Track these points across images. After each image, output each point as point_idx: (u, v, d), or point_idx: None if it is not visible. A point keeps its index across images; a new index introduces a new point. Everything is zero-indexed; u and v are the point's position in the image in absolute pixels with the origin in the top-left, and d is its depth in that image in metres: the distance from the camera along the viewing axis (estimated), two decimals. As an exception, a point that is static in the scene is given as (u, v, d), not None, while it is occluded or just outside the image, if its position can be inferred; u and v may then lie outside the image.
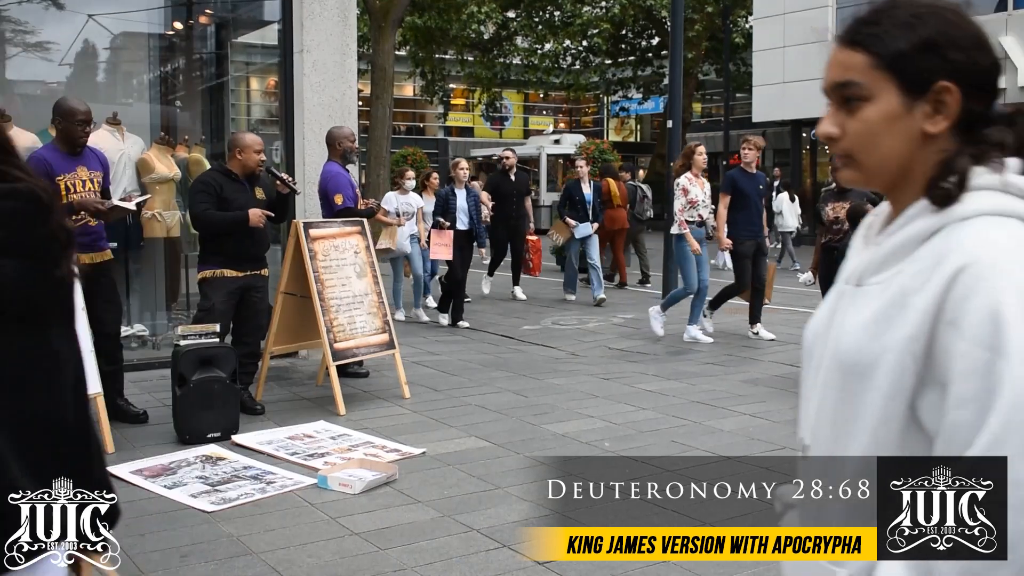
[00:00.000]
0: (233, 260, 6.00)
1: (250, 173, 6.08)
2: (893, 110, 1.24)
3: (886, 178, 1.30)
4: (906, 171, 1.27)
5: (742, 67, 30.38)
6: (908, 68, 1.23)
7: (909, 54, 1.23)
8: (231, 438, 5.48)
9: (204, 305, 6.02)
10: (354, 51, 8.14)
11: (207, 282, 6.02)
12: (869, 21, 1.29)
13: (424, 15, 25.21)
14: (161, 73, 10.57)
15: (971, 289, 1.12)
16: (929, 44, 1.23)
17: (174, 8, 10.32)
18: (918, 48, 1.23)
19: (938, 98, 1.22)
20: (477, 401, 6.51)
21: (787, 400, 6.59)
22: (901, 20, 1.25)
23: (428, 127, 47.00)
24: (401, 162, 20.91)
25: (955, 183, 1.21)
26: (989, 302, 1.11)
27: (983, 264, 1.13)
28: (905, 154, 1.25)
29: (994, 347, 1.10)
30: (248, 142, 6.06)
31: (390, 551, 3.83)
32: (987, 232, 1.16)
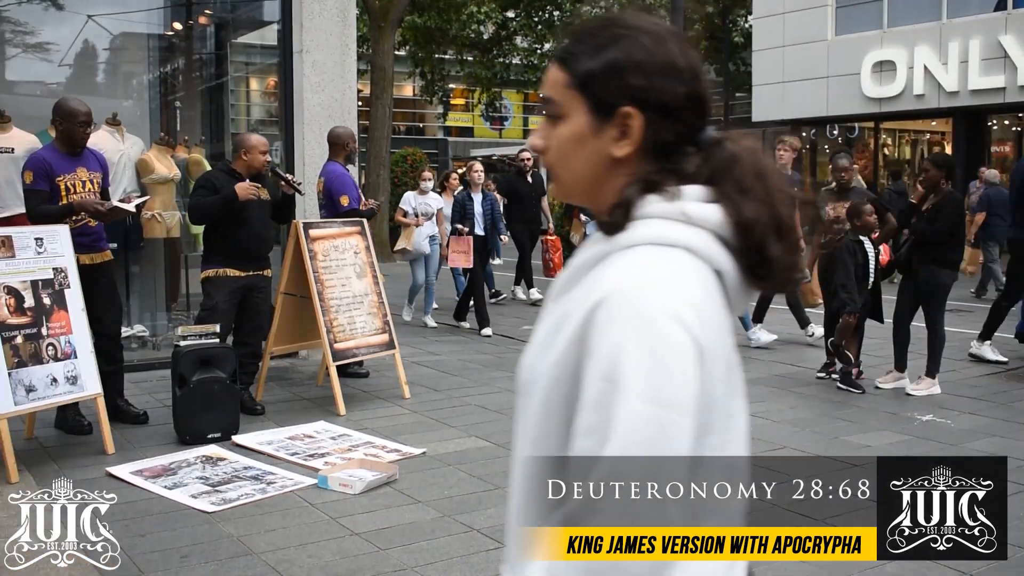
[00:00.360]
0: (236, 259, 6.00)
1: (255, 174, 6.08)
2: (581, 131, 1.23)
3: (580, 196, 1.29)
4: (596, 192, 1.26)
5: (741, 67, 30.39)
6: (595, 90, 1.22)
7: (597, 76, 1.21)
8: (231, 438, 5.48)
9: (207, 304, 6.02)
10: (354, 51, 8.14)
11: (210, 281, 6.02)
12: (577, 39, 1.27)
13: (424, 15, 25.20)
14: (161, 74, 10.56)
15: (603, 321, 1.11)
16: (615, 68, 1.21)
17: (174, 8, 10.32)
18: (605, 71, 1.21)
19: (624, 122, 1.21)
20: (477, 401, 6.51)
21: (787, 400, 6.59)
22: (598, 42, 1.23)
23: (428, 127, 47.00)
24: (401, 162, 20.91)
25: (620, 212, 1.21)
26: (614, 336, 1.10)
27: (617, 298, 1.12)
28: (593, 175, 1.25)
29: (613, 380, 1.09)
30: (254, 143, 6.07)
31: (390, 551, 3.83)
32: (634, 264, 1.15)
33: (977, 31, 19.81)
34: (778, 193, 1.21)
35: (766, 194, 1.19)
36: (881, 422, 5.98)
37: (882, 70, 21.38)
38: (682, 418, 1.10)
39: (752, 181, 1.19)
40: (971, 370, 7.59)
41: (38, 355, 4.96)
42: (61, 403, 5.24)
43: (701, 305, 1.14)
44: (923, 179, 6.76)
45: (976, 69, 19.84)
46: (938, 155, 7.25)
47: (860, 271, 6.74)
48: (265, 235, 6.17)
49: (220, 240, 5.98)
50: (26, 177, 5.36)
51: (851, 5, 22.24)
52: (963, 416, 6.11)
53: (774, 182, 1.20)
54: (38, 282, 5.06)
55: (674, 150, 1.23)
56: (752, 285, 1.23)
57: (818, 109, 22.83)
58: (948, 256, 6.66)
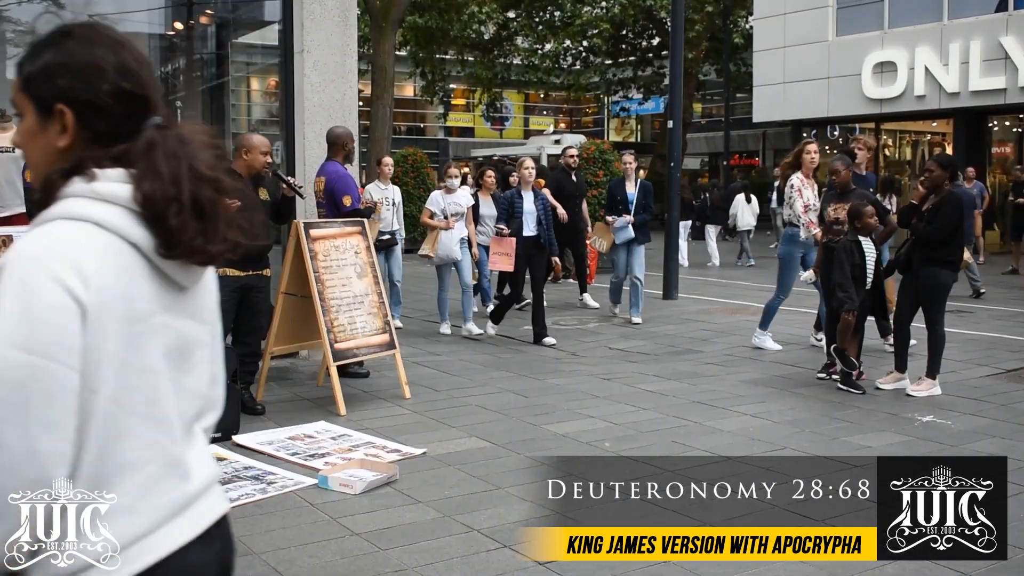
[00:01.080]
0: (236, 259, 5.99)
1: (255, 174, 6.08)
2: (32, 127, 1.42)
3: None
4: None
5: (742, 67, 30.39)
6: (36, 91, 1.40)
7: (36, 79, 1.40)
8: (232, 438, 5.48)
9: None
10: (354, 51, 8.14)
11: None
12: (30, 47, 1.45)
13: (424, 15, 25.21)
14: (161, 73, 10.57)
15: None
16: (47, 70, 1.40)
17: (174, 8, 10.33)
18: (41, 74, 1.40)
19: (61, 118, 1.39)
20: (478, 401, 6.51)
21: (787, 400, 6.59)
22: (38, 48, 1.42)
23: (428, 127, 47.01)
24: (401, 162, 20.89)
25: (42, 192, 1.39)
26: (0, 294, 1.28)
27: (10, 262, 1.30)
28: (47, 164, 1.42)
29: None
30: (255, 143, 6.06)
31: (391, 551, 3.83)
32: (36, 234, 1.34)
33: (978, 32, 19.81)
34: (193, 173, 1.40)
35: (174, 174, 1.38)
36: (881, 423, 5.98)
37: (883, 71, 21.38)
38: (54, 365, 1.27)
39: (163, 162, 1.39)
40: (972, 371, 7.59)
41: (38, 355, 4.96)
42: (61, 403, 5.23)
43: (91, 271, 1.30)
44: (926, 179, 6.74)
45: (977, 70, 19.84)
46: (943, 156, 7.21)
47: (858, 271, 6.75)
48: (264, 235, 6.16)
49: None
50: (27, 175, 5.37)
51: (852, 6, 22.24)
52: (963, 417, 6.10)
53: (192, 164, 1.40)
54: (39, 282, 5.06)
55: (111, 139, 1.41)
56: (165, 255, 1.39)
57: (819, 110, 22.83)
58: (948, 257, 6.66)
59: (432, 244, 8.94)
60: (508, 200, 8.97)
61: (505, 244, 8.78)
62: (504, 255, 8.80)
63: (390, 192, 9.66)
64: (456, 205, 9.11)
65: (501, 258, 8.86)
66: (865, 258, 6.79)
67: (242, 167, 6.04)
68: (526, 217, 8.87)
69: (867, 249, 6.82)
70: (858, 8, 22.13)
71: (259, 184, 6.14)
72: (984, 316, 10.86)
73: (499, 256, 8.88)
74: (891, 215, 7.51)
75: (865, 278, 6.80)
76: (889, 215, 7.56)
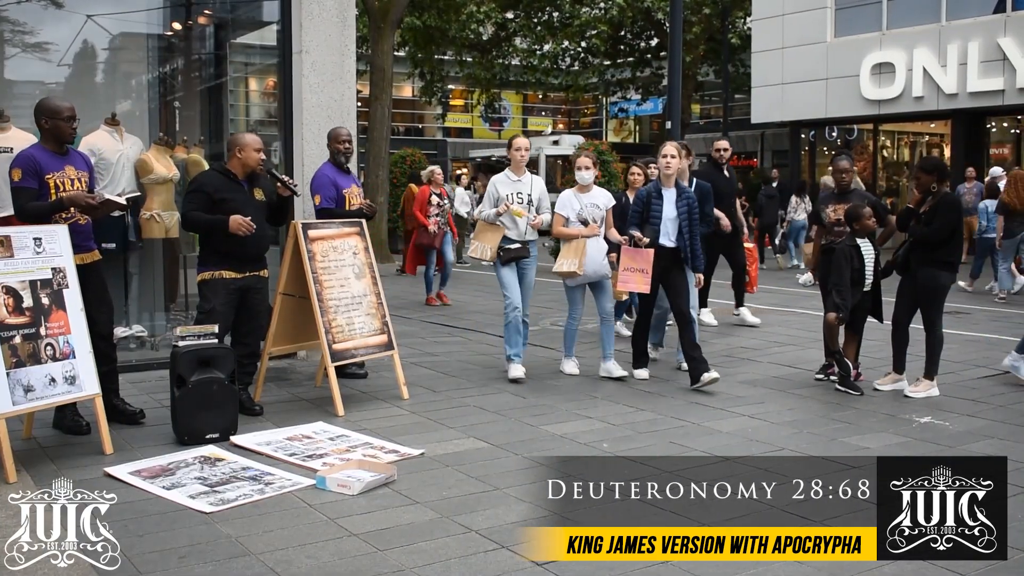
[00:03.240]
0: (232, 261, 6.00)
1: (250, 173, 6.07)
2: None
3: None
4: None
5: (741, 68, 30.41)
6: None
7: None
8: (230, 439, 5.47)
9: (204, 307, 6.01)
10: (353, 52, 8.13)
11: (206, 284, 6.01)
12: None
13: (423, 15, 25.20)
14: (160, 74, 10.56)
15: None
16: None
17: (173, 9, 10.31)
18: None
19: None
20: (476, 402, 6.50)
21: (786, 401, 6.59)
22: None
23: (427, 128, 47.02)
24: (400, 163, 20.86)
25: None
26: None
27: None
28: None
29: None
30: (248, 141, 6.05)
31: (389, 552, 3.83)
32: None
33: (976, 33, 19.83)
34: None
35: None
36: (879, 424, 5.98)
37: (881, 72, 21.40)
38: None
39: None
40: (970, 372, 7.59)
41: (36, 355, 4.96)
42: (59, 403, 5.23)
43: None
44: (916, 185, 6.79)
45: (975, 71, 19.86)
46: (927, 160, 7.17)
47: (856, 275, 6.75)
48: (262, 236, 6.15)
49: (217, 242, 5.97)
50: (14, 175, 5.34)
51: (850, 7, 22.25)
52: (961, 418, 6.11)
53: None
54: (36, 282, 5.06)
55: None
56: None
57: (817, 111, 22.85)
58: (946, 258, 6.67)
59: (578, 258, 7.00)
60: (643, 200, 7.08)
61: (640, 257, 6.83)
62: (638, 272, 6.82)
63: (525, 184, 7.38)
64: (594, 207, 7.21)
65: (634, 276, 6.85)
66: (864, 261, 6.80)
67: (237, 166, 6.03)
68: (665, 223, 6.99)
69: (866, 251, 6.82)
70: (856, 9, 22.14)
71: (255, 184, 6.13)
72: (982, 317, 10.86)
73: (631, 274, 6.86)
74: (890, 216, 7.50)
75: (863, 281, 6.81)
76: (888, 216, 7.55)
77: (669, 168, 6.97)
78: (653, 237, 6.93)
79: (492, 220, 7.25)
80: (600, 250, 7.12)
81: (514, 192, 7.30)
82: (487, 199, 7.39)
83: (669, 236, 7.00)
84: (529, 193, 7.34)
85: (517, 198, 7.28)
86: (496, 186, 7.33)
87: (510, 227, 7.25)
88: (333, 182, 7.11)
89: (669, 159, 6.96)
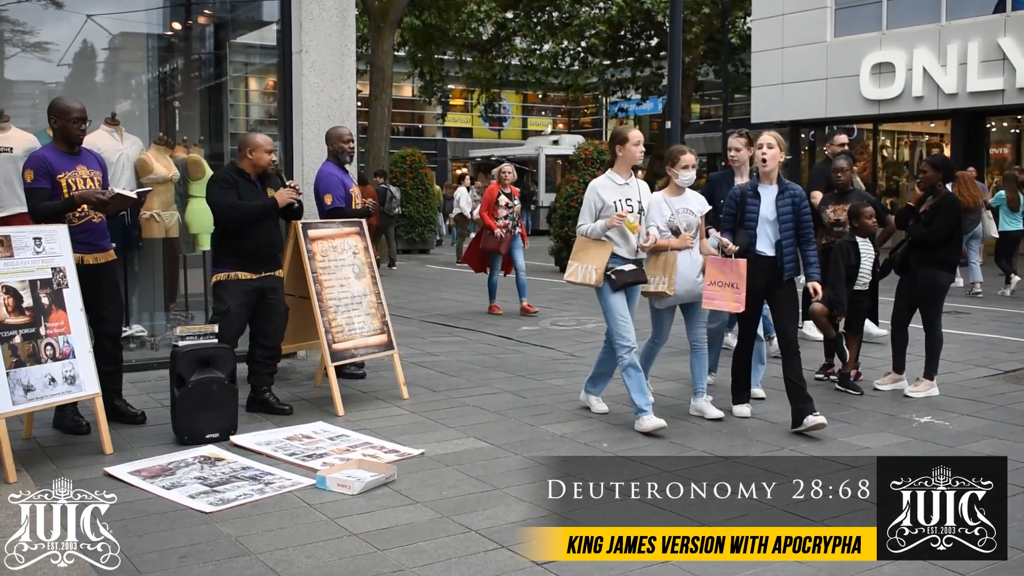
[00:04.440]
0: (247, 262, 6.01)
1: (261, 172, 6.09)
2: None
3: None
4: None
5: (740, 68, 30.42)
6: None
7: None
8: (229, 439, 5.47)
9: (220, 308, 6.02)
10: (353, 52, 8.13)
11: (222, 285, 6.01)
12: None
13: (423, 15, 25.21)
14: (160, 73, 10.56)
15: None
16: None
17: (173, 8, 10.31)
18: None
19: None
20: (475, 402, 6.50)
21: (786, 401, 6.58)
22: None
23: (427, 128, 47.03)
24: (400, 163, 20.86)
25: None
26: None
27: None
28: None
29: None
30: (259, 142, 6.09)
31: (389, 552, 3.83)
32: None
33: (976, 33, 19.83)
34: None
35: None
36: (879, 424, 5.98)
37: (881, 72, 21.40)
38: None
39: None
40: (970, 372, 7.59)
41: (36, 355, 4.96)
42: (59, 403, 5.23)
43: None
44: (920, 180, 6.76)
45: (975, 71, 19.86)
46: (936, 157, 7.19)
47: (851, 272, 6.77)
48: (275, 236, 6.18)
49: (232, 243, 5.98)
50: (27, 176, 5.36)
51: (850, 7, 22.25)
52: (961, 418, 6.11)
53: None
54: (36, 282, 5.06)
55: None
56: None
57: (817, 111, 22.84)
58: (946, 258, 6.67)
59: (668, 275, 5.84)
60: (736, 199, 5.91)
61: (729, 269, 5.68)
62: (728, 287, 5.65)
63: (632, 189, 5.98)
64: (688, 213, 5.95)
65: (723, 292, 5.68)
66: (861, 259, 6.80)
67: (248, 166, 6.06)
68: (763, 226, 5.80)
69: (864, 250, 6.83)
70: (856, 9, 22.14)
71: (266, 184, 6.14)
72: (981, 317, 10.86)
73: (720, 289, 5.69)
74: (889, 216, 7.51)
75: (855, 279, 6.83)
76: (888, 216, 7.55)
77: (767, 162, 5.76)
78: (747, 244, 5.74)
79: (598, 236, 5.85)
80: (693, 265, 5.90)
81: (622, 199, 5.86)
82: (587, 209, 5.94)
83: (769, 242, 5.78)
84: (639, 199, 5.95)
85: (627, 205, 5.86)
86: (599, 192, 5.90)
87: (620, 243, 5.83)
88: (341, 181, 7.16)
89: (766, 150, 5.77)
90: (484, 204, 11.06)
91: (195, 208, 8.20)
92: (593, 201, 5.91)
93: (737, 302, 5.62)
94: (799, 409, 5.69)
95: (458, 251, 19.24)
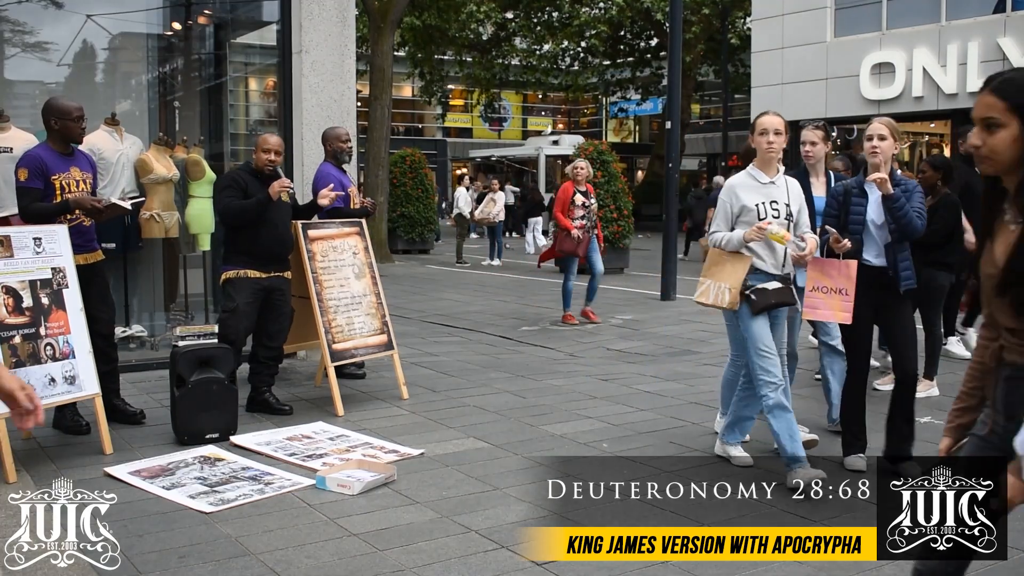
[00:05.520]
0: (257, 260, 6.02)
1: (272, 172, 6.13)
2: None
3: None
4: None
5: (740, 68, 30.43)
6: None
7: None
8: (229, 439, 5.47)
9: (228, 306, 6.03)
10: (352, 52, 8.13)
11: (231, 283, 6.03)
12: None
13: (423, 15, 25.22)
14: (159, 74, 10.56)
15: None
16: None
17: (172, 9, 10.31)
18: None
19: None
20: (475, 402, 6.50)
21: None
22: None
23: (427, 128, 47.04)
24: (399, 163, 20.86)
25: None
26: None
27: None
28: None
29: None
30: (258, 142, 6.19)
31: (388, 552, 3.83)
32: None
33: (976, 33, 19.83)
34: None
35: None
36: (880, 424, 5.97)
37: (881, 72, 21.41)
38: None
39: None
40: (969, 372, 7.58)
41: (36, 355, 4.96)
42: (59, 403, 5.23)
43: None
44: (920, 180, 6.76)
45: (975, 71, 19.85)
46: (936, 157, 7.18)
47: None
48: (287, 236, 6.20)
49: (243, 241, 6.00)
50: (20, 175, 5.34)
51: (850, 7, 22.25)
52: (961, 417, 6.10)
53: None
54: (36, 282, 5.06)
55: None
56: None
57: (817, 111, 22.83)
58: (945, 258, 6.67)
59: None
60: (839, 198, 4.92)
61: (838, 272, 4.77)
62: (835, 293, 4.76)
63: (779, 189, 4.82)
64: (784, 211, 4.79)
65: (828, 300, 4.79)
66: None
67: (256, 165, 6.12)
68: (871, 230, 4.82)
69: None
70: (856, 9, 22.14)
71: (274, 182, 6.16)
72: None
73: (825, 296, 4.80)
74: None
75: None
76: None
77: (877, 155, 4.74)
78: (856, 250, 4.78)
79: (735, 248, 4.72)
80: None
81: (767, 201, 4.74)
82: (722, 214, 4.84)
83: (877, 249, 4.79)
84: (787, 202, 4.79)
85: (772, 210, 4.73)
86: (737, 192, 4.79)
87: (763, 256, 4.72)
88: (340, 181, 7.15)
89: (877, 142, 4.76)
90: (559, 204, 10.04)
91: (195, 208, 8.21)
92: (729, 204, 4.79)
93: (845, 312, 4.71)
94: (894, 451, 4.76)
95: (458, 250, 19.25)
